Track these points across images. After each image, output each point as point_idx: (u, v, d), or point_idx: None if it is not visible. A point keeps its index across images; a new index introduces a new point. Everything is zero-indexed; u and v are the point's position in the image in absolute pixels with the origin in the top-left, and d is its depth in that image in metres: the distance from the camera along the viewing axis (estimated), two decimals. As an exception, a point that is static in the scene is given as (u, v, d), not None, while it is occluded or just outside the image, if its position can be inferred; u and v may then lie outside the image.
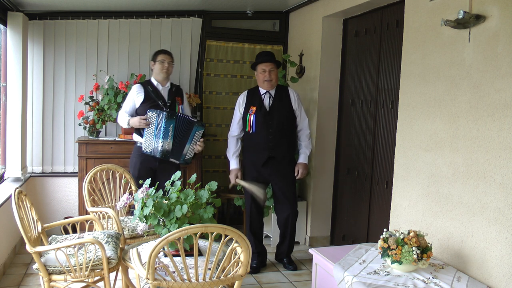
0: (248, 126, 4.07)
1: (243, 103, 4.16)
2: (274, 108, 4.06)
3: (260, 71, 4.09)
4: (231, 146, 4.23)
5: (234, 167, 4.23)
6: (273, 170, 4.08)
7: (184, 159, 4.06)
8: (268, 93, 4.10)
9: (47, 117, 4.96)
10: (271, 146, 4.03)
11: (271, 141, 4.03)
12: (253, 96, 4.14)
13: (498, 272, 2.60)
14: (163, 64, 4.10)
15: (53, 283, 2.83)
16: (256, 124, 4.04)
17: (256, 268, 4.14)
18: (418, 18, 3.31)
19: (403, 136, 3.45)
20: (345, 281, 2.66)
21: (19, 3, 4.39)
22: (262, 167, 4.07)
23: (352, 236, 4.57)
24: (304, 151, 4.19)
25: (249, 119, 4.06)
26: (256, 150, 4.08)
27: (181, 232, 2.25)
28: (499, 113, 2.61)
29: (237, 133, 4.21)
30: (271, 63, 4.07)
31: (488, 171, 2.68)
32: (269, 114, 4.05)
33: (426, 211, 3.18)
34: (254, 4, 5.12)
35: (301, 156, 4.19)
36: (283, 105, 4.09)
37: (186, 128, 3.99)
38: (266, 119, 4.03)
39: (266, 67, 4.06)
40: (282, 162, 4.09)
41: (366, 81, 4.33)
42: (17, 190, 2.87)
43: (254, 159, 4.11)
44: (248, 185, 4.13)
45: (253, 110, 4.06)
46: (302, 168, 4.17)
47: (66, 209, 5.02)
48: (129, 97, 4.12)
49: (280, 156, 4.07)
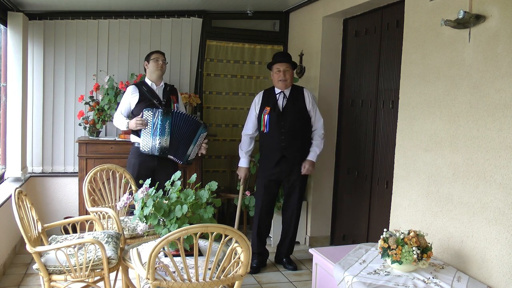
0: (263, 126, 4.11)
1: (259, 103, 4.20)
2: (287, 109, 4.09)
3: (275, 70, 4.13)
4: (244, 144, 4.28)
5: (243, 166, 4.29)
6: (285, 169, 4.11)
7: (187, 160, 4.09)
8: (282, 93, 4.13)
9: (47, 117, 4.96)
10: (283, 146, 4.06)
11: (284, 141, 4.06)
12: (269, 96, 4.18)
13: (498, 272, 2.60)
14: (157, 62, 4.11)
15: (53, 283, 2.83)
16: (270, 124, 4.07)
17: (256, 268, 4.14)
18: (418, 18, 3.31)
19: (403, 136, 3.45)
20: (345, 281, 2.66)
21: (19, 3, 4.39)
22: (274, 166, 4.10)
23: (352, 236, 4.57)
24: (314, 149, 4.19)
25: (263, 119, 4.10)
26: (270, 149, 4.12)
27: (181, 232, 2.25)
28: (499, 113, 2.61)
29: (251, 132, 4.24)
30: (287, 63, 4.10)
31: (488, 171, 2.68)
32: (282, 114, 4.08)
33: (426, 211, 3.18)
34: (254, 4, 5.12)
35: (311, 153, 4.19)
36: (297, 106, 4.11)
37: (184, 124, 4.01)
38: (279, 119, 4.06)
39: (281, 67, 4.08)
40: (294, 162, 4.11)
41: (366, 81, 4.33)
42: (17, 190, 2.87)
43: (267, 158, 4.15)
44: (241, 193, 4.45)
45: (268, 110, 4.09)
46: (308, 164, 4.16)
47: (66, 209, 5.02)
48: (124, 99, 4.13)
49: (292, 156, 4.09)
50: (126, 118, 4.08)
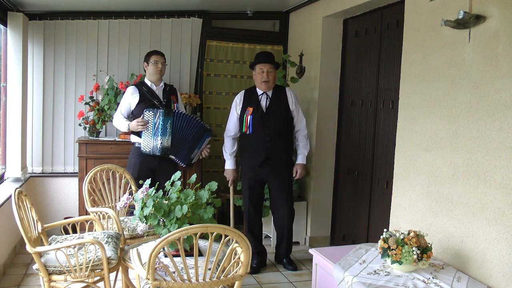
0: (245, 127, 4.05)
1: (240, 103, 4.15)
2: (271, 109, 4.05)
3: (258, 71, 4.07)
4: (227, 146, 4.23)
5: (230, 168, 4.25)
6: (270, 170, 4.08)
7: (190, 163, 4.10)
8: (265, 94, 4.09)
9: (47, 117, 4.96)
10: (268, 147, 4.03)
11: (268, 142, 4.03)
12: (250, 96, 4.13)
13: (498, 272, 2.60)
14: (156, 65, 4.11)
15: (53, 283, 2.83)
16: (253, 125, 4.02)
17: (256, 268, 4.14)
18: (418, 18, 3.31)
19: (403, 136, 3.45)
20: (345, 281, 2.66)
21: (19, 3, 4.39)
22: (259, 167, 4.08)
23: (352, 236, 4.57)
24: (302, 151, 4.19)
25: (246, 120, 4.05)
26: (253, 151, 4.08)
27: (181, 232, 2.25)
28: (499, 113, 2.61)
29: (233, 133, 4.20)
30: (270, 64, 4.05)
31: (488, 171, 2.68)
32: (266, 115, 4.04)
33: (426, 211, 3.18)
34: (254, 4, 5.12)
35: (299, 156, 4.19)
36: (280, 106, 4.07)
37: (187, 126, 4.02)
38: (263, 120, 4.02)
39: (264, 67, 4.03)
40: (279, 162, 4.09)
41: (366, 81, 4.33)
42: (17, 190, 2.87)
43: (251, 160, 4.11)
44: (232, 194, 4.47)
45: (250, 111, 4.05)
46: (300, 168, 4.17)
47: (66, 209, 5.02)
48: (124, 99, 4.13)
49: (277, 156, 4.07)
50: (126, 120, 4.08)
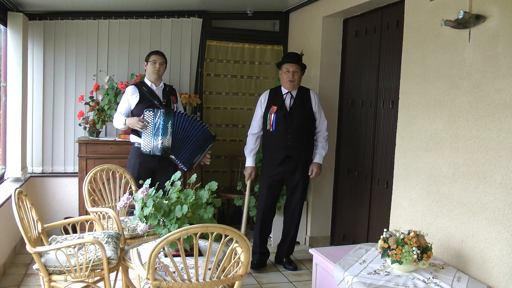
0: (269, 125, 4.12)
1: (265, 102, 4.21)
2: (294, 109, 4.11)
3: (284, 70, 4.14)
4: (249, 143, 4.28)
5: (250, 165, 4.29)
6: (289, 169, 4.12)
7: (191, 167, 4.11)
8: (289, 94, 4.14)
9: (47, 117, 4.96)
10: (289, 146, 4.07)
11: (289, 140, 4.07)
12: (275, 95, 4.19)
13: (498, 272, 2.60)
14: (154, 64, 4.11)
15: (53, 283, 2.83)
16: (276, 123, 4.08)
17: (256, 265, 4.15)
18: (418, 18, 3.31)
19: (403, 136, 3.45)
20: (345, 281, 2.66)
21: (19, 3, 4.39)
22: (278, 165, 4.12)
23: (352, 236, 4.57)
24: (320, 151, 4.23)
25: (270, 117, 4.11)
26: (274, 148, 4.13)
27: (181, 232, 2.25)
28: (499, 113, 2.61)
29: (257, 131, 4.24)
30: (296, 64, 4.12)
31: (488, 171, 2.68)
32: (289, 114, 4.09)
33: (426, 211, 3.18)
34: (254, 4, 5.12)
35: (317, 156, 4.23)
36: (304, 107, 4.13)
37: (190, 127, 4.02)
38: (286, 119, 4.08)
39: (291, 67, 4.10)
40: (298, 162, 4.12)
41: (366, 81, 4.33)
42: (17, 190, 2.87)
43: (271, 157, 4.16)
44: (248, 192, 4.41)
45: (274, 109, 4.11)
46: (316, 167, 4.20)
47: (66, 209, 5.02)
48: (124, 99, 4.12)
49: (297, 156, 4.10)
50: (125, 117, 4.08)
